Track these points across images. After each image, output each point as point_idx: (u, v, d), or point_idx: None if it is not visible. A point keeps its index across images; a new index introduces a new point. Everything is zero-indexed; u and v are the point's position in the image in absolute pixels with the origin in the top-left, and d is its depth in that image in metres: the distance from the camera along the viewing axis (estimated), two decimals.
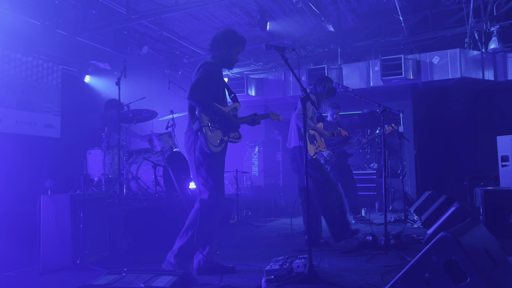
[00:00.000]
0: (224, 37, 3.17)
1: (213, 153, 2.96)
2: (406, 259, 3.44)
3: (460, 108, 8.03)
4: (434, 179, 7.82)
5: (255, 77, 8.60)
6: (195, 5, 5.88)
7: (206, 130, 2.92)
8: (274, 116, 3.45)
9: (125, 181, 5.26)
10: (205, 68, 3.01)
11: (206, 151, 2.95)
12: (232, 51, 3.19)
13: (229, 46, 3.16)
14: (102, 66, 7.56)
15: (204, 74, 2.98)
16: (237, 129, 3.13)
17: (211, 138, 2.95)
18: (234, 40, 3.19)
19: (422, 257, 1.86)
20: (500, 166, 4.41)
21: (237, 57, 3.25)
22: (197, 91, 2.91)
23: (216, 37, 3.20)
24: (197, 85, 2.93)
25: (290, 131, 4.36)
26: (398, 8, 6.44)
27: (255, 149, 8.31)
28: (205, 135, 2.91)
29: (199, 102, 2.92)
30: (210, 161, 3.01)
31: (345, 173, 6.16)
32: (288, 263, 2.95)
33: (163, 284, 2.33)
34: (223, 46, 3.15)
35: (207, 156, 2.99)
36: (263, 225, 6.10)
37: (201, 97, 2.92)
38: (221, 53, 3.18)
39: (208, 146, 2.92)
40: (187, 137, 3.09)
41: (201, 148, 2.97)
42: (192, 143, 3.01)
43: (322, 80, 4.39)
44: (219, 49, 3.17)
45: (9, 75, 6.00)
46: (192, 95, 2.90)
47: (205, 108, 2.95)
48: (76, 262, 3.32)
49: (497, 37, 6.69)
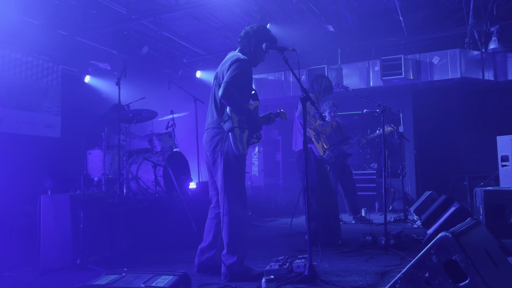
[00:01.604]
0: (257, 33, 3.01)
1: (241, 154, 2.87)
2: (406, 259, 3.44)
3: (460, 108, 8.03)
4: (434, 179, 7.82)
5: (255, 77, 8.61)
6: (195, 5, 5.88)
7: (237, 131, 2.82)
8: (283, 114, 3.41)
9: (125, 181, 5.26)
10: (239, 64, 2.84)
11: (236, 153, 2.83)
12: (262, 50, 3.02)
13: (260, 43, 3.00)
14: (102, 66, 7.57)
15: (239, 72, 2.81)
16: (261, 129, 3.04)
17: (241, 139, 2.85)
18: (267, 39, 3.02)
19: (422, 257, 1.86)
20: (500, 166, 4.41)
21: (264, 56, 3.10)
22: (232, 89, 2.75)
23: (249, 32, 3.03)
24: (232, 84, 2.76)
25: (295, 133, 4.34)
26: (398, 8, 6.45)
27: (255, 149, 8.31)
28: (236, 136, 2.81)
29: (233, 102, 2.77)
30: (241, 163, 2.92)
31: (344, 173, 6.16)
32: (288, 263, 2.95)
33: (163, 284, 2.33)
34: (253, 43, 3.00)
35: (235, 158, 2.88)
36: (263, 225, 6.10)
37: (235, 96, 2.77)
38: (250, 50, 3.02)
39: (238, 148, 2.81)
40: (212, 135, 2.94)
41: (230, 149, 2.84)
42: (219, 142, 2.89)
43: (318, 78, 4.38)
44: (249, 45, 3.02)
45: (9, 75, 6.01)
46: (227, 94, 2.74)
47: (239, 109, 2.82)
48: (76, 262, 3.31)
49: (497, 37, 6.69)
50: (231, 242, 2.86)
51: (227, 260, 2.88)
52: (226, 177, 2.86)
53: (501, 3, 6.60)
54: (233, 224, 2.86)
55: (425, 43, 7.62)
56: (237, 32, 7.64)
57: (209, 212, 3.12)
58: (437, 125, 8.07)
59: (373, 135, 6.25)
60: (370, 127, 8.66)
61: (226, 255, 2.89)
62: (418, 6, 6.99)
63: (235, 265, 2.86)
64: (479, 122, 7.70)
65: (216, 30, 7.53)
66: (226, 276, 2.87)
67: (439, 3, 6.93)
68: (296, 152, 4.32)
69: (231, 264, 2.86)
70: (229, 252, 2.88)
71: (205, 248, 3.07)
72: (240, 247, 2.89)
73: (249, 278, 2.88)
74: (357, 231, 5.13)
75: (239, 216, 2.89)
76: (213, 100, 3.01)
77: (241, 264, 2.90)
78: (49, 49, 6.52)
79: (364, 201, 6.84)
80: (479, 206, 4.24)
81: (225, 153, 2.87)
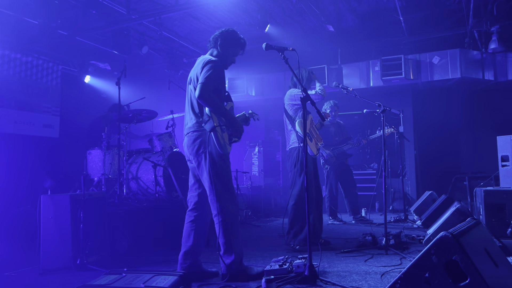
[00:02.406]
0: (224, 35, 3.06)
1: (226, 153, 2.88)
2: (406, 259, 3.44)
3: (460, 108, 8.03)
4: (434, 179, 7.82)
5: (255, 77, 8.61)
6: (195, 5, 5.88)
7: (219, 130, 2.83)
8: (255, 115, 3.45)
9: (125, 181, 5.26)
10: (212, 65, 2.85)
11: (220, 152, 2.84)
12: (230, 52, 3.06)
13: (227, 46, 3.05)
14: (102, 66, 7.57)
15: (213, 72, 2.82)
16: (242, 130, 3.03)
17: (223, 138, 2.86)
18: (234, 41, 3.08)
19: (422, 257, 1.86)
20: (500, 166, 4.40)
21: (234, 59, 3.13)
22: (208, 90, 2.76)
23: (216, 35, 3.08)
24: (208, 84, 2.77)
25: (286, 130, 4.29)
26: (398, 8, 6.44)
27: (255, 149, 8.31)
28: (218, 135, 2.81)
29: (211, 102, 2.77)
30: (226, 161, 2.92)
31: (345, 173, 6.16)
32: (288, 263, 2.95)
33: (163, 284, 2.33)
34: (220, 44, 3.04)
35: (220, 157, 2.87)
36: (263, 225, 6.10)
37: (212, 96, 2.77)
38: (218, 51, 3.06)
39: (222, 147, 2.82)
40: (194, 138, 2.92)
41: (214, 149, 2.85)
42: (201, 144, 2.87)
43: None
44: (216, 47, 3.06)
45: (8, 75, 6.00)
46: (203, 94, 2.74)
47: (217, 109, 2.82)
48: (76, 262, 3.31)
49: (497, 37, 6.68)
50: (227, 241, 2.85)
51: (226, 260, 2.87)
52: (214, 177, 2.84)
53: (501, 3, 6.60)
54: (227, 222, 2.85)
55: (425, 43, 7.62)
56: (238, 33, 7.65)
57: (187, 216, 3.04)
58: (437, 125, 8.07)
59: (373, 136, 6.25)
60: (370, 127, 8.65)
61: (224, 255, 2.88)
62: (418, 6, 6.99)
63: (233, 264, 2.85)
64: (479, 122, 7.70)
65: (216, 30, 7.49)
66: (225, 276, 2.86)
67: (439, 3, 6.92)
68: (287, 150, 4.28)
69: (230, 264, 2.85)
70: (226, 251, 2.86)
71: (187, 253, 2.96)
72: (236, 245, 2.87)
73: (249, 277, 2.87)
74: (357, 231, 5.14)
75: (232, 213, 2.88)
76: (190, 105, 3.00)
77: (240, 263, 2.90)
78: (49, 49, 6.52)
79: (364, 201, 6.83)
80: (479, 206, 4.23)
81: (209, 154, 2.86)
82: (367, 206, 6.53)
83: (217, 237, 2.87)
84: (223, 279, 2.87)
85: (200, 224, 3.00)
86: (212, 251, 3.53)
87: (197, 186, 3.04)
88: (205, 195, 2.96)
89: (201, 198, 3.01)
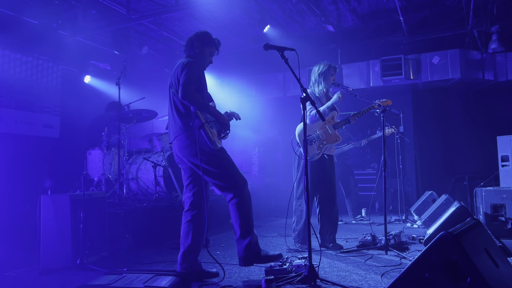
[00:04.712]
0: (198, 37, 3.16)
1: (218, 149, 2.92)
2: (406, 259, 3.44)
3: (460, 108, 8.03)
4: (434, 179, 7.82)
5: (255, 77, 8.60)
6: (195, 5, 5.88)
7: (207, 126, 2.88)
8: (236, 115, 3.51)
9: (125, 181, 5.27)
10: (191, 66, 2.93)
11: (212, 148, 2.87)
12: (206, 52, 3.16)
13: (202, 46, 3.13)
14: (102, 66, 7.56)
15: (193, 72, 2.90)
16: (229, 126, 3.09)
17: (213, 134, 2.91)
18: (209, 42, 3.17)
19: (422, 257, 1.86)
20: (500, 166, 4.40)
21: (210, 59, 3.22)
22: (191, 89, 2.84)
23: (191, 37, 3.18)
24: (190, 84, 2.85)
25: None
26: (398, 8, 6.44)
27: (255, 149, 8.31)
28: (207, 131, 2.86)
29: (195, 101, 2.85)
30: (224, 154, 2.97)
31: (346, 173, 6.16)
32: (288, 263, 2.95)
33: (163, 284, 2.33)
34: (196, 45, 3.12)
35: (214, 152, 2.90)
36: (263, 225, 6.10)
37: (196, 96, 2.85)
38: (195, 52, 3.14)
39: (213, 142, 2.86)
40: (184, 140, 2.93)
41: (206, 147, 2.87)
42: (193, 145, 2.89)
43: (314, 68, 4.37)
44: (192, 48, 3.14)
45: (9, 75, 6.00)
46: (187, 94, 2.82)
47: (202, 107, 2.89)
48: (76, 262, 3.31)
49: (497, 37, 6.69)
50: (242, 224, 2.91)
51: (241, 243, 2.92)
52: (214, 174, 2.90)
53: (501, 3, 6.60)
54: (241, 205, 2.91)
55: (425, 43, 7.62)
56: (237, 32, 7.65)
57: (184, 216, 3.06)
58: (437, 125, 8.07)
59: (373, 137, 6.25)
60: (370, 127, 8.66)
61: (239, 239, 2.93)
62: (418, 6, 6.99)
63: (249, 246, 2.90)
64: (479, 122, 7.69)
65: (216, 30, 7.50)
66: (243, 259, 2.91)
67: (439, 3, 6.92)
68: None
69: (246, 246, 2.90)
70: (242, 235, 2.92)
71: (186, 253, 2.96)
72: (250, 228, 2.94)
73: (265, 258, 2.92)
74: (357, 231, 5.14)
75: (245, 196, 2.94)
76: (174, 109, 3.03)
77: (256, 245, 2.95)
78: (49, 49, 6.52)
79: (364, 201, 6.84)
80: (479, 206, 4.24)
81: (202, 152, 2.88)
82: (367, 206, 6.53)
83: (232, 221, 2.95)
84: (243, 263, 2.91)
85: (198, 223, 3.01)
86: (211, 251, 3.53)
87: (192, 186, 3.05)
88: (201, 194, 3.01)
89: (196, 197, 3.03)
